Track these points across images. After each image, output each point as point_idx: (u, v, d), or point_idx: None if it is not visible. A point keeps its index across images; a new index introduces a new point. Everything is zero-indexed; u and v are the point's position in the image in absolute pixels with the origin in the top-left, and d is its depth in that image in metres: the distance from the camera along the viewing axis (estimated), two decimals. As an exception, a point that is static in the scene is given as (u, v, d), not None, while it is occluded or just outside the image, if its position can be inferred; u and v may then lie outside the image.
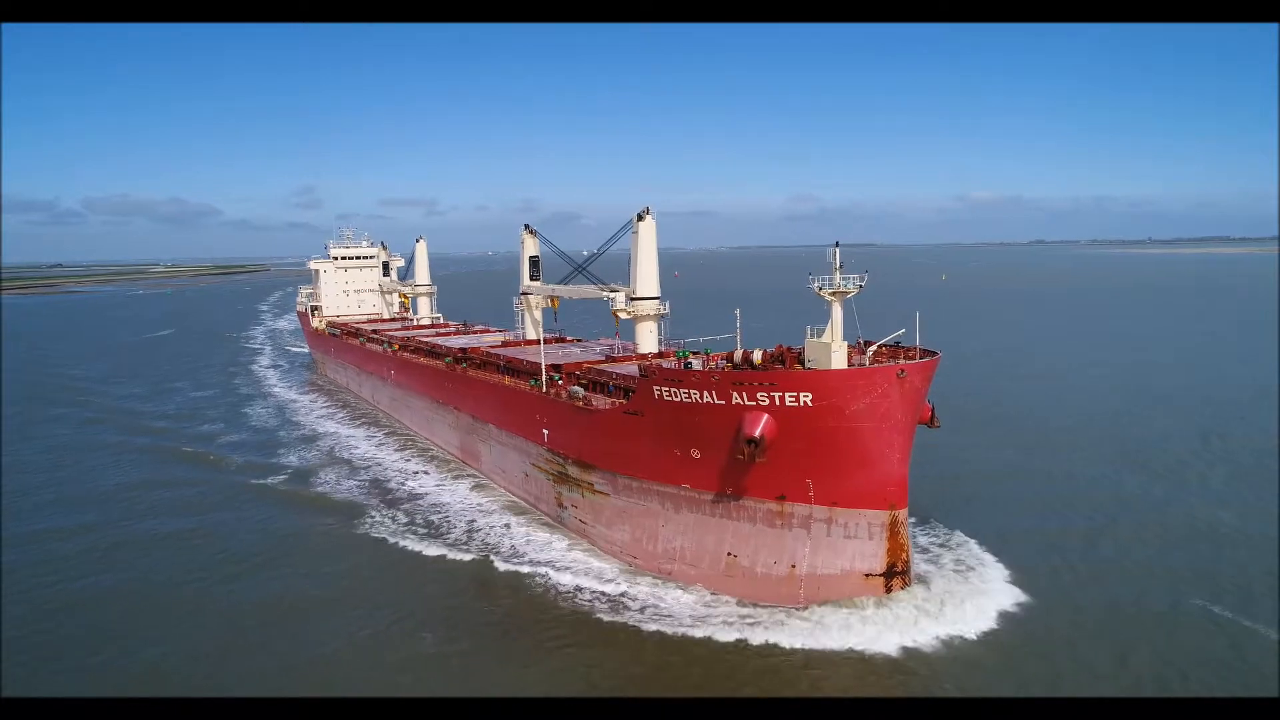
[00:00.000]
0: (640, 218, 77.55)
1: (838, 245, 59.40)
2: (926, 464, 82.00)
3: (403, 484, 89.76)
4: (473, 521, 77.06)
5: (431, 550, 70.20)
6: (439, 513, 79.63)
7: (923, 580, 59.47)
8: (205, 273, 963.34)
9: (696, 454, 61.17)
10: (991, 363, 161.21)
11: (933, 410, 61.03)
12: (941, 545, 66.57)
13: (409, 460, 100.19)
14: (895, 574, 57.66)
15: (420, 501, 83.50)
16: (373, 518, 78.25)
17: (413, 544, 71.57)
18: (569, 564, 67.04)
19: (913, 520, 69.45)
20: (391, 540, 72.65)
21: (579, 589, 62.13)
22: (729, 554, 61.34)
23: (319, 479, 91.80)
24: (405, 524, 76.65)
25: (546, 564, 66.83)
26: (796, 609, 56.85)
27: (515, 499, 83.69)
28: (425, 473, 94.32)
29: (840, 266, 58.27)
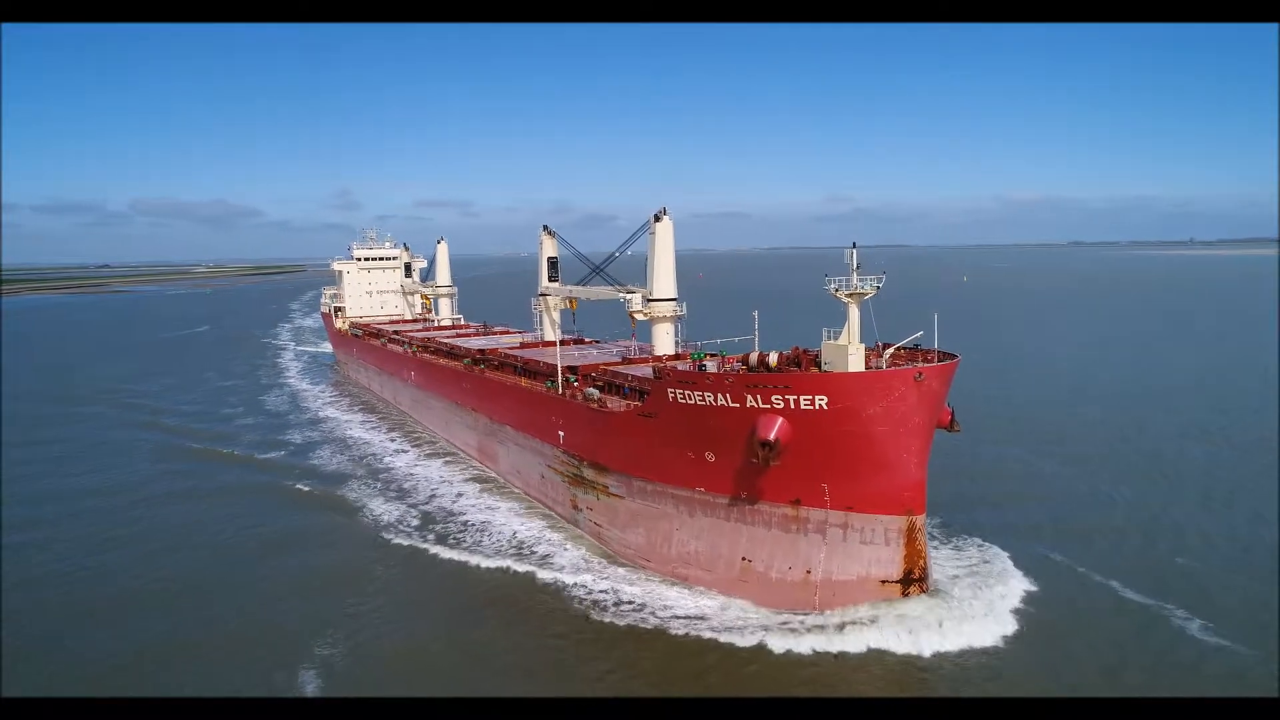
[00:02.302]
0: (657, 218, 76.85)
1: (855, 246, 58.37)
2: (947, 468, 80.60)
3: (413, 480, 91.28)
4: (484, 521, 77.32)
5: (451, 555, 70.26)
6: (456, 515, 79.79)
7: (942, 587, 58.09)
8: (245, 273, 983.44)
9: (710, 457, 60.39)
10: (1007, 365, 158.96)
11: (952, 414, 59.62)
12: (962, 551, 65.21)
13: (421, 458, 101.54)
14: (913, 580, 56.40)
15: (436, 501, 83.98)
16: (376, 511, 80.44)
17: (431, 546, 71.78)
18: (580, 565, 66.79)
19: (932, 525, 68.16)
20: (402, 539, 73.00)
21: (589, 589, 62.03)
22: (743, 558, 60.50)
23: (333, 477, 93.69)
24: (418, 521, 77.11)
25: (557, 566, 66.66)
26: (811, 614, 55.88)
27: (530, 500, 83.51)
28: (448, 479, 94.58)
29: (858, 267, 57.21)
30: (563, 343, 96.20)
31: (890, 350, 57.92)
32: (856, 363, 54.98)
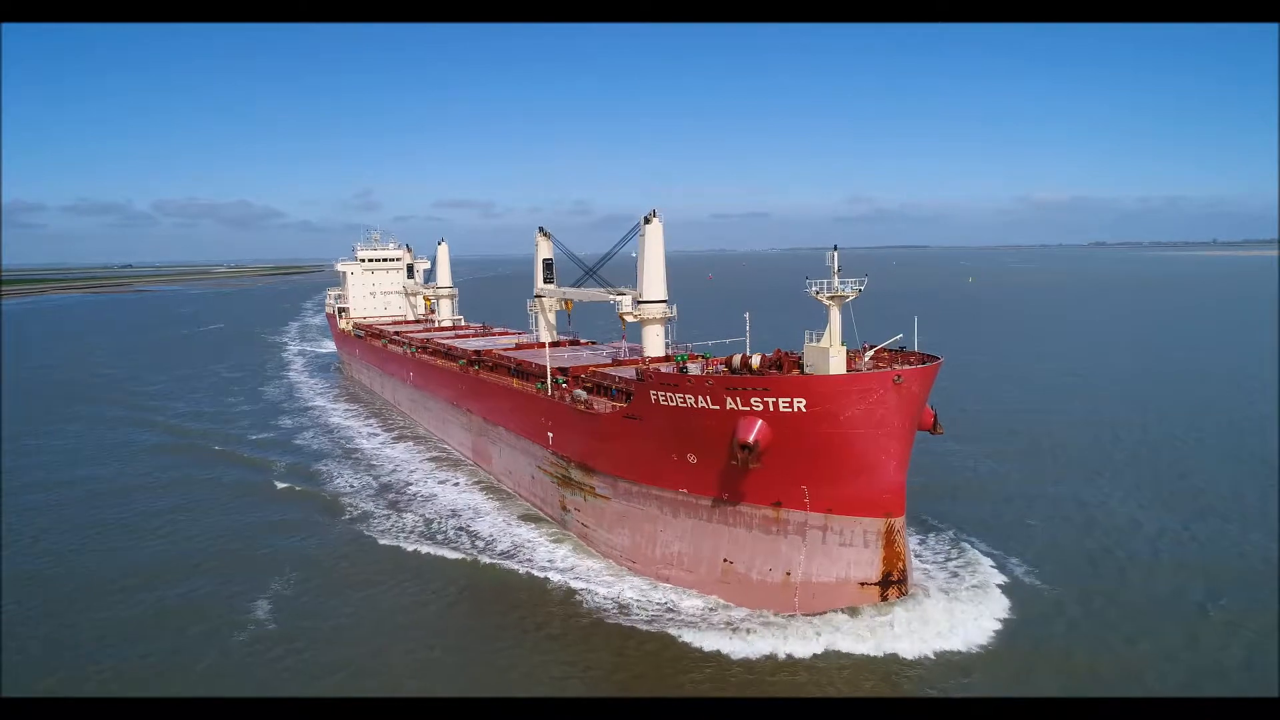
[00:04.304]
0: (647, 220, 77.12)
1: (835, 249, 58.33)
2: (931, 471, 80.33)
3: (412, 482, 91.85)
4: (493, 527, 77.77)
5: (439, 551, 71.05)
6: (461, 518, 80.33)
7: (921, 589, 57.98)
8: (265, 273, 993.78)
9: (693, 459, 60.57)
10: (1001, 368, 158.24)
11: (935, 416, 59.53)
12: (944, 554, 64.98)
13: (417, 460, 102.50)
14: (891, 583, 56.35)
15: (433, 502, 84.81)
16: (366, 509, 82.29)
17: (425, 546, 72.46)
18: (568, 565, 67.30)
19: (917, 528, 68.04)
20: (397, 542, 73.58)
21: (570, 587, 62.75)
22: (725, 560, 60.64)
23: (320, 464, 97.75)
24: (413, 524, 77.70)
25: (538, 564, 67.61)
26: (791, 616, 55.97)
27: (524, 502, 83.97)
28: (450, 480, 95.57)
29: (839, 270, 57.23)
30: (558, 344, 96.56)
31: (870, 352, 57.85)
32: (838, 365, 54.89)
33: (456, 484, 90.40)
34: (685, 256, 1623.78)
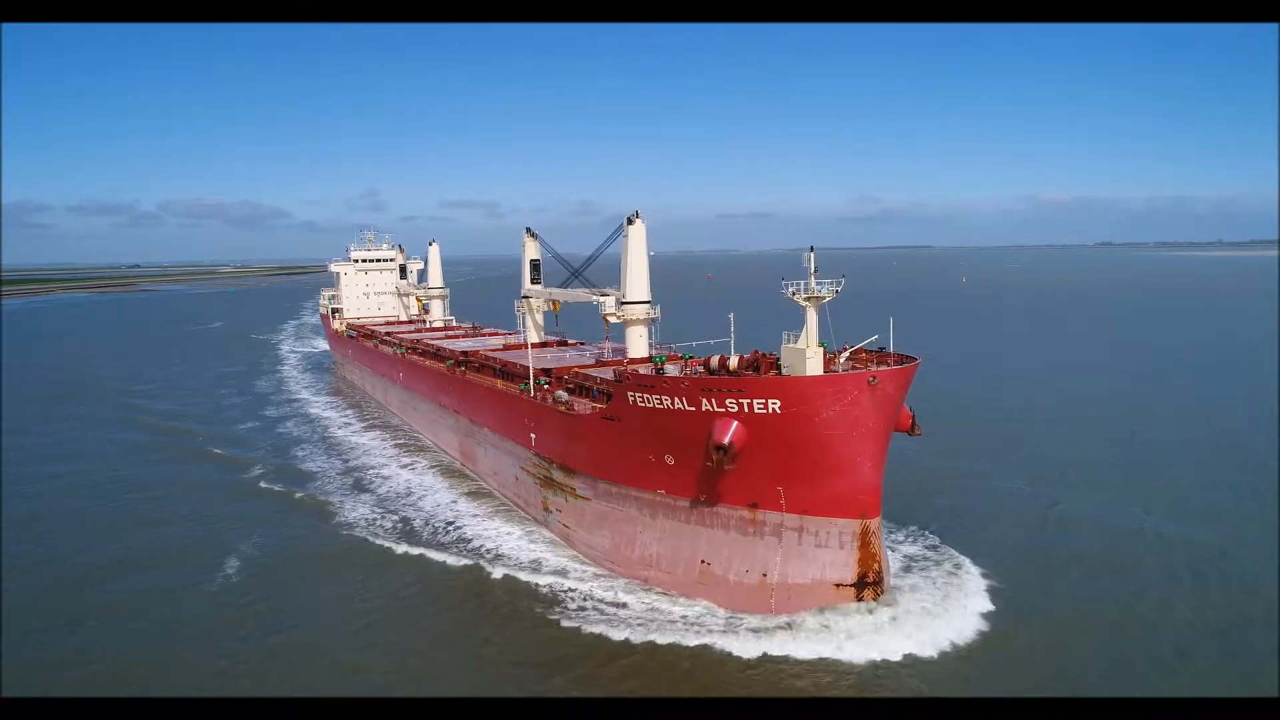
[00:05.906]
0: (630, 221, 77.12)
1: (812, 250, 58.18)
2: (910, 471, 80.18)
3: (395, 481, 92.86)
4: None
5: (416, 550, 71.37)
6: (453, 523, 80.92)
7: (898, 591, 57.93)
8: (270, 273, 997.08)
9: (670, 460, 60.56)
10: (989, 369, 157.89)
11: (913, 417, 59.38)
12: (921, 555, 64.85)
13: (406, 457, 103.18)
14: (867, 584, 56.20)
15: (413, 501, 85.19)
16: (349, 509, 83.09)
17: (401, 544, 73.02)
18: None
19: (894, 529, 67.74)
20: (380, 540, 73.84)
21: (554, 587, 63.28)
22: (703, 561, 60.60)
23: (304, 462, 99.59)
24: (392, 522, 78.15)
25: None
26: (767, 617, 55.98)
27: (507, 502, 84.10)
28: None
29: (815, 270, 57.09)
30: (546, 345, 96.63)
31: (846, 352, 57.68)
32: (815, 366, 54.70)
33: (414, 468, 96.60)
34: (690, 257, 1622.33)
